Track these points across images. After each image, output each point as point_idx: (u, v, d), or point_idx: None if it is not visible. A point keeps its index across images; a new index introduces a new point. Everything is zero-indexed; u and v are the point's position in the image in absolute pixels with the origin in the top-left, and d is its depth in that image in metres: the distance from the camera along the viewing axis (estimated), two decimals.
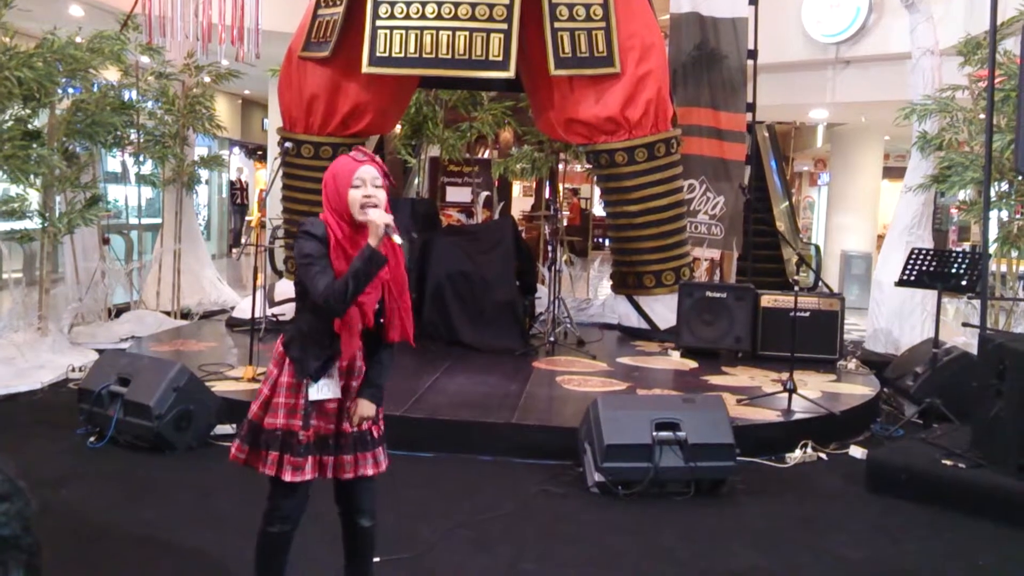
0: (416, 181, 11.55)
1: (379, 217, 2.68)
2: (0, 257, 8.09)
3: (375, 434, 2.91)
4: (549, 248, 8.54)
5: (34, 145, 7.00)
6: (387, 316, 2.85)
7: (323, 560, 3.46)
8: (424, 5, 7.12)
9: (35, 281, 7.70)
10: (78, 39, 7.47)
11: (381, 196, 2.76)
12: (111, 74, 8.51)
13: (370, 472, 2.90)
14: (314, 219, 2.79)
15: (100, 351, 7.05)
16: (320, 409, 2.81)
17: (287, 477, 2.76)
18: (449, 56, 7.10)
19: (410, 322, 2.89)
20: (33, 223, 7.42)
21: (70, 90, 7.67)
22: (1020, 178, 6.88)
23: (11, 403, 6.06)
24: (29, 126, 7.20)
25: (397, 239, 2.71)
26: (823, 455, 5.36)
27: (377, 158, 2.85)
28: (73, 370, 6.72)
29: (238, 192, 18.83)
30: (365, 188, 2.73)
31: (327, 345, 2.79)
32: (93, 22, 8.89)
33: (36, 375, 6.60)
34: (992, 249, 7.06)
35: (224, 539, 3.83)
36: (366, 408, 2.86)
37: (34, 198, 7.53)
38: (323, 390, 2.79)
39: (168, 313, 9.07)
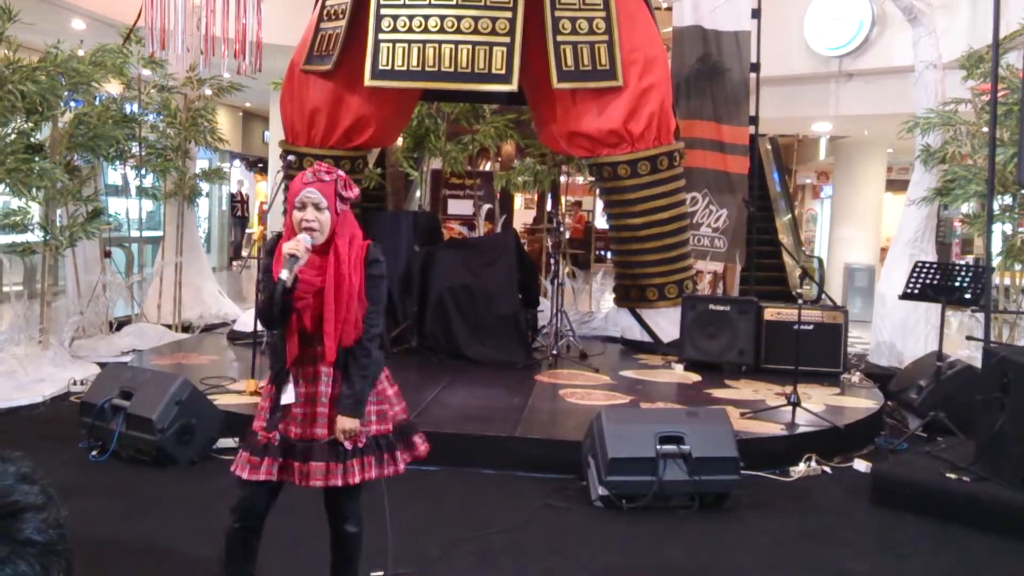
0: (418, 194, 11.56)
1: (288, 248, 2.77)
2: (1, 270, 8.09)
3: (348, 446, 2.87)
4: (551, 261, 8.54)
5: (36, 158, 7.01)
6: (323, 326, 2.84)
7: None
8: (427, 19, 7.13)
9: (36, 294, 7.70)
10: (80, 52, 7.49)
11: (323, 219, 2.82)
12: (113, 87, 8.53)
13: (339, 483, 2.88)
14: (278, 231, 2.93)
15: (101, 364, 7.05)
16: (286, 414, 2.89)
17: (243, 475, 2.88)
18: (452, 69, 7.11)
19: (345, 333, 2.84)
20: (35, 236, 7.42)
21: (72, 103, 7.68)
22: (1023, 191, 6.87)
23: (12, 417, 6.04)
24: (32, 139, 7.22)
25: (284, 274, 2.76)
26: (827, 469, 5.34)
27: (338, 175, 2.88)
28: (75, 383, 6.71)
29: (239, 205, 18.85)
30: (305, 212, 2.82)
31: (282, 351, 2.92)
32: (95, 35, 8.91)
33: (37, 388, 6.58)
34: (996, 262, 7.05)
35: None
36: (343, 422, 2.86)
37: (36, 211, 7.53)
38: (288, 395, 2.89)
39: (169, 326, 9.06)
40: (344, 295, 2.83)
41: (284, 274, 2.75)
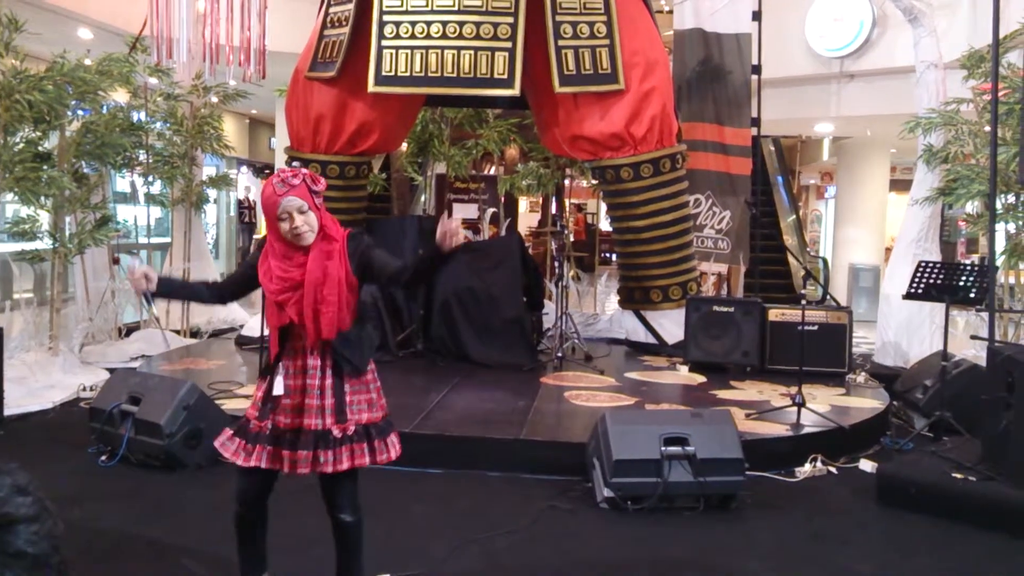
0: (423, 198, 11.61)
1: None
2: (11, 277, 8.14)
3: (336, 433, 2.96)
4: (556, 263, 8.56)
5: (45, 167, 7.07)
6: (304, 317, 2.95)
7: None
8: (429, 25, 7.18)
9: (46, 301, 7.75)
10: (87, 61, 7.55)
11: (310, 220, 2.92)
12: (120, 96, 8.59)
13: (329, 470, 2.95)
14: (262, 237, 3.11)
15: (111, 370, 7.09)
16: (277, 404, 3.00)
17: (238, 461, 3.01)
18: (455, 75, 7.15)
19: (327, 320, 2.94)
20: (44, 244, 7.48)
21: (80, 112, 7.74)
22: None
23: (23, 422, 6.09)
24: (40, 148, 7.27)
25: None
26: (832, 469, 5.35)
27: (304, 174, 2.94)
28: (84, 389, 6.76)
29: (246, 211, 18.91)
30: (293, 220, 2.89)
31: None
32: (102, 44, 8.98)
33: (47, 394, 6.63)
34: (1000, 261, 7.06)
35: (234, 556, 3.83)
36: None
37: (45, 219, 7.59)
38: (277, 387, 2.99)
39: (177, 332, 9.11)
40: (325, 287, 2.93)
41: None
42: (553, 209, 12.39)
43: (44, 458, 5.26)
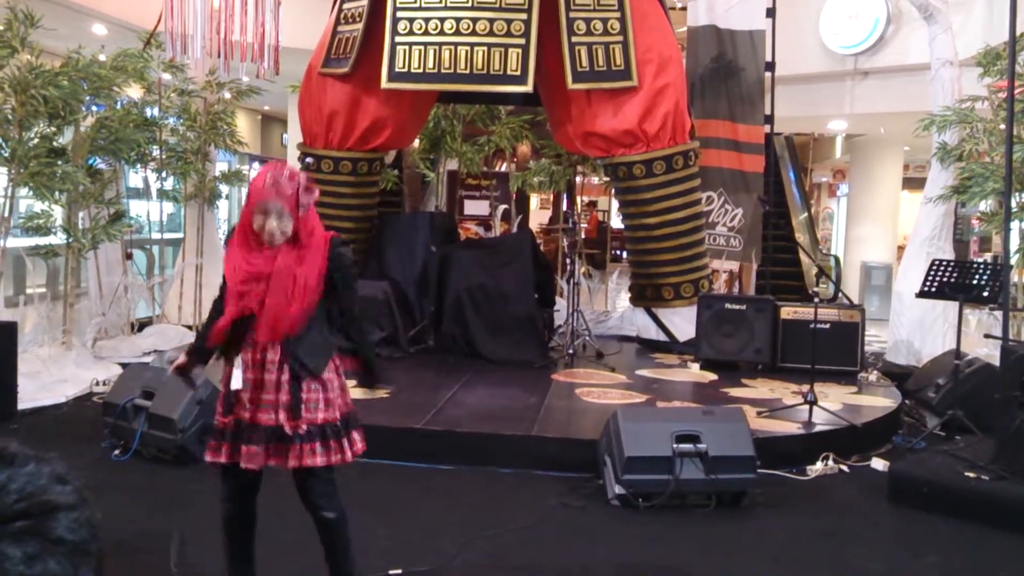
0: (435, 195, 11.61)
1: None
2: (25, 272, 8.19)
3: (288, 430, 2.91)
4: (567, 260, 8.56)
5: (59, 162, 7.10)
6: (262, 311, 2.92)
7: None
8: (443, 21, 7.18)
9: (59, 296, 7.79)
10: (102, 57, 7.58)
11: (285, 226, 2.88)
12: (134, 91, 8.62)
13: (284, 466, 2.95)
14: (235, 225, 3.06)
15: (124, 365, 7.13)
16: (237, 399, 2.98)
17: (207, 457, 3.04)
18: (468, 71, 7.15)
19: (286, 323, 2.91)
20: (57, 239, 7.52)
21: (94, 108, 7.77)
22: None
23: (36, 416, 6.13)
24: (54, 143, 7.31)
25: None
26: (844, 467, 5.34)
27: (299, 182, 2.90)
28: (97, 384, 6.79)
29: None
30: (268, 219, 2.87)
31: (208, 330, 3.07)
32: (116, 40, 9.00)
33: (61, 389, 6.67)
34: (1014, 260, 7.02)
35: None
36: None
37: (58, 214, 7.63)
38: (235, 380, 2.98)
39: (190, 327, 9.13)
40: (288, 285, 2.89)
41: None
42: (564, 206, 12.38)
43: (57, 452, 5.27)
